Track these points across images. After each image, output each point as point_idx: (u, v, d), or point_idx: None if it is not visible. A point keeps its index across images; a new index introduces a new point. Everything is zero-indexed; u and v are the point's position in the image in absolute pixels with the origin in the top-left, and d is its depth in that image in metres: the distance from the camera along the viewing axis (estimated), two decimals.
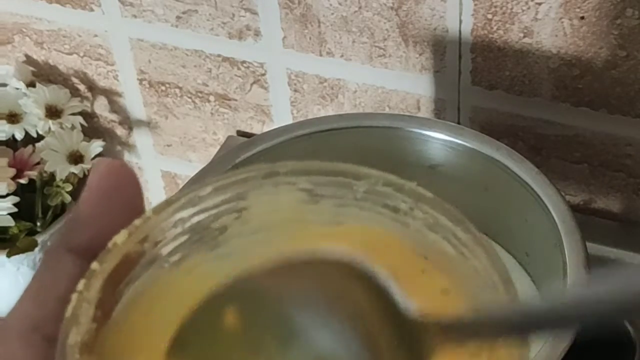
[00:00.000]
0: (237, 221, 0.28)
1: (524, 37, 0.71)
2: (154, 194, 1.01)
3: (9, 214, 0.87)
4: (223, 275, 0.27)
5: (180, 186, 0.65)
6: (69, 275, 0.26)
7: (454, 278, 0.27)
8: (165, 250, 0.27)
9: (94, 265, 0.25)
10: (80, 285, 0.25)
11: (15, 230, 0.89)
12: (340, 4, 0.76)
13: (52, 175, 0.88)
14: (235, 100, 0.88)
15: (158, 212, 0.27)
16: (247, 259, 0.27)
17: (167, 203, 0.27)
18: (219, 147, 0.88)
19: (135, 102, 0.93)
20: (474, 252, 0.26)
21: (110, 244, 0.26)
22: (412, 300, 0.25)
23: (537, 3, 0.69)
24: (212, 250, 0.28)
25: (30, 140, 0.90)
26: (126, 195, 0.27)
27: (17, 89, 0.91)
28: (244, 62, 0.84)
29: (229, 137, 0.89)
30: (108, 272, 0.26)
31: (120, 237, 0.26)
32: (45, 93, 0.89)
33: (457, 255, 0.27)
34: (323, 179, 0.28)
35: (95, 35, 0.90)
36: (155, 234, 0.27)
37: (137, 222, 0.26)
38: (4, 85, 0.93)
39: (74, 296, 0.25)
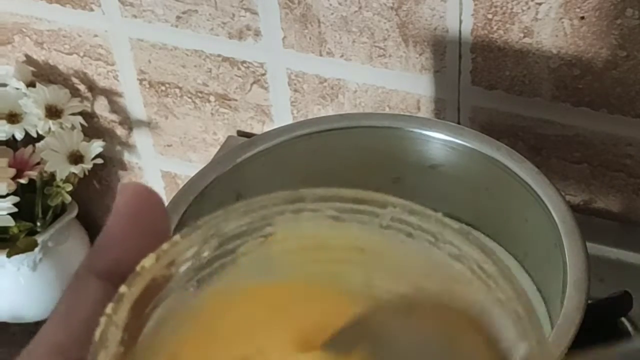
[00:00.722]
0: (263, 246, 0.28)
1: (524, 37, 0.71)
2: None
3: (9, 214, 0.87)
4: (249, 298, 0.28)
5: (180, 186, 0.65)
6: (95, 299, 0.26)
7: (478, 309, 0.27)
8: (191, 274, 0.28)
9: (122, 288, 0.26)
10: (109, 308, 0.25)
11: (15, 230, 0.89)
12: (340, 4, 0.76)
13: (52, 175, 0.88)
14: (235, 100, 0.88)
15: (185, 237, 0.27)
16: (272, 283, 0.28)
17: (193, 228, 0.27)
18: (219, 147, 0.88)
19: (135, 102, 0.93)
20: (498, 283, 0.26)
21: (138, 268, 0.26)
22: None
23: (537, 3, 0.69)
24: (238, 273, 0.28)
25: (30, 140, 0.90)
26: (152, 220, 0.27)
27: (17, 89, 0.91)
28: (244, 62, 0.84)
29: (229, 137, 0.89)
30: (136, 295, 0.26)
31: (148, 261, 0.26)
32: (45, 93, 0.89)
33: (482, 286, 0.27)
34: (347, 206, 0.28)
35: (95, 35, 0.90)
36: (183, 258, 0.27)
37: (165, 246, 0.26)
38: (4, 85, 0.93)
39: (102, 320, 0.25)
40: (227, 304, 0.28)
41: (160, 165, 0.98)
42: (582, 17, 0.69)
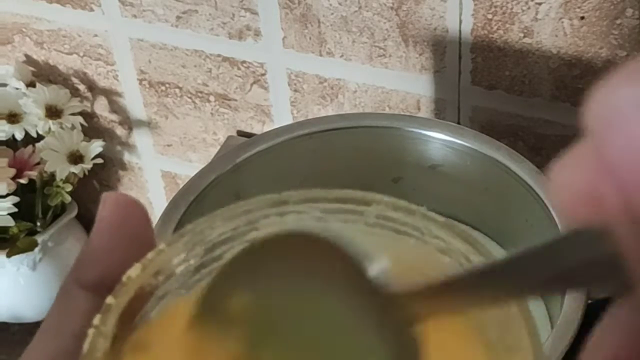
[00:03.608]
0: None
1: (524, 37, 0.71)
2: (154, 194, 1.01)
3: (9, 214, 0.87)
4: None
5: (181, 186, 0.65)
6: (83, 311, 0.26)
7: None
8: (178, 283, 0.28)
9: (109, 299, 0.26)
10: (97, 320, 0.25)
11: (15, 230, 0.89)
12: (340, 4, 0.76)
13: (52, 175, 0.88)
14: (235, 100, 0.88)
15: (170, 245, 0.27)
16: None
17: (179, 236, 0.27)
18: (219, 147, 0.88)
19: (135, 102, 0.93)
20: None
21: (124, 278, 0.26)
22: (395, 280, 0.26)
23: (537, 3, 0.69)
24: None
25: (30, 140, 0.90)
26: (136, 229, 0.27)
27: (17, 89, 0.91)
28: (244, 62, 0.84)
29: (229, 137, 0.89)
30: (123, 306, 0.26)
31: (134, 271, 0.26)
32: (45, 93, 0.89)
33: None
34: (332, 206, 0.28)
35: (95, 35, 0.90)
36: (169, 267, 0.27)
37: (150, 255, 0.27)
38: (4, 85, 0.93)
39: (91, 331, 0.25)
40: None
41: (160, 165, 0.98)
42: (582, 17, 0.69)
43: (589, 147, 0.20)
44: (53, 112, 0.89)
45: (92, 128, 0.95)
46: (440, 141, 0.66)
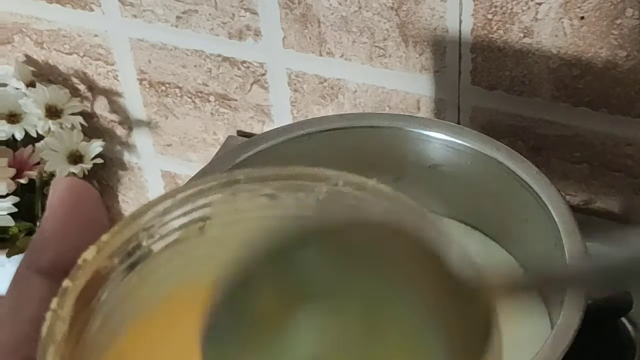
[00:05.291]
0: (201, 231, 0.28)
1: (524, 37, 0.71)
2: (154, 194, 1.01)
3: (9, 214, 0.87)
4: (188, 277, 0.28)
5: (181, 186, 0.65)
6: (39, 296, 0.26)
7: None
8: (133, 265, 0.28)
9: (66, 282, 0.26)
10: (54, 303, 0.25)
11: (15, 230, 0.89)
12: (340, 4, 0.76)
13: (52, 175, 0.88)
14: (235, 100, 0.88)
15: (125, 227, 0.27)
16: (210, 266, 0.28)
17: (133, 218, 0.27)
18: (219, 147, 0.88)
19: (135, 102, 0.93)
20: (434, 239, 0.27)
21: (80, 261, 0.26)
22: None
23: (537, 3, 0.69)
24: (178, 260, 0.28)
25: (30, 140, 0.90)
26: (88, 213, 0.27)
27: (17, 89, 0.91)
28: (244, 62, 0.84)
29: (229, 137, 0.89)
30: (80, 289, 0.26)
31: (89, 254, 0.26)
32: (45, 93, 0.89)
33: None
34: (283, 183, 0.28)
35: (95, 35, 0.90)
36: (123, 248, 0.27)
37: (104, 237, 0.27)
38: (4, 85, 0.93)
39: (48, 315, 0.25)
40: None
41: (160, 165, 0.98)
42: (582, 17, 0.69)
43: None
44: (53, 112, 0.89)
45: (92, 128, 0.95)
46: (440, 141, 0.66)
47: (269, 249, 0.27)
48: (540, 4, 0.69)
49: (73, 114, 0.90)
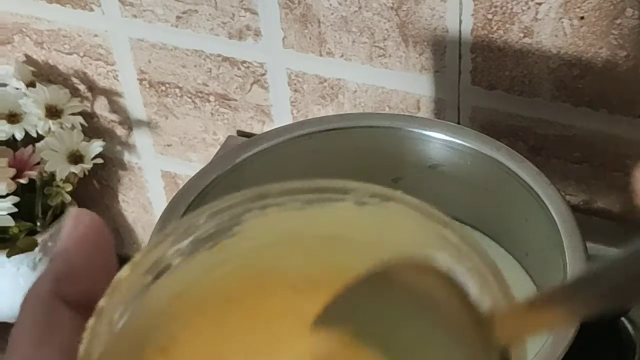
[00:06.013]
0: (233, 240, 0.29)
1: (524, 37, 0.71)
2: (154, 194, 1.01)
3: (9, 214, 0.87)
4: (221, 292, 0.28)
5: (181, 186, 0.65)
6: (68, 327, 0.26)
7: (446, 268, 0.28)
8: (167, 281, 0.28)
9: (102, 302, 0.26)
10: (91, 322, 0.26)
11: (15, 230, 0.89)
12: (340, 4, 0.76)
13: (52, 175, 0.88)
14: (235, 100, 0.88)
15: (156, 245, 0.27)
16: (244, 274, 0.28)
17: (165, 235, 0.28)
18: (219, 147, 0.88)
19: (135, 102, 0.93)
20: (466, 253, 0.27)
21: (115, 280, 0.26)
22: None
23: (537, 3, 0.69)
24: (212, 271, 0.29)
25: (30, 140, 0.90)
26: (107, 251, 0.28)
27: (17, 89, 0.91)
28: (244, 62, 0.84)
29: (229, 137, 0.89)
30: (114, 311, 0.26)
31: (123, 272, 0.27)
32: (45, 93, 0.89)
33: (448, 248, 0.28)
34: (311, 196, 0.28)
35: (95, 35, 0.90)
36: (156, 266, 0.27)
37: (137, 256, 0.27)
38: (4, 85, 0.93)
39: (86, 335, 0.26)
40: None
41: (160, 165, 0.98)
42: (582, 17, 0.69)
43: None
44: (53, 112, 0.89)
45: (92, 128, 0.95)
46: (440, 141, 0.66)
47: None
48: (540, 4, 0.69)
49: (73, 114, 0.90)
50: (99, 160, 0.90)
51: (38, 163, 0.89)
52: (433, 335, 0.27)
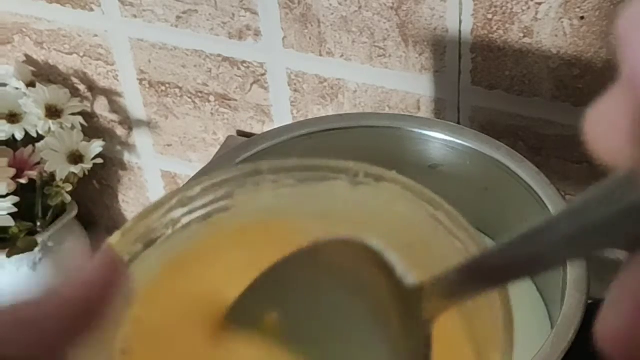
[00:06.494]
0: (225, 215, 0.29)
1: (524, 37, 0.71)
2: (153, 194, 1.01)
3: (9, 214, 0.87)
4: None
5: (180, 186, 0.65)
6: None
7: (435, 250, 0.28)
8: (157, 250, 0.28)
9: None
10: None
11: (15, 230, 0.89)
12: (340, 4, 0.76)
13: (52, 175, 0.88)
14: (235, 100, 0.88)
15: (149, 214, 0.27)
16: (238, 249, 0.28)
17: (157, 205, 0.28)
18: (219, 147, 0.88)
19: (135, 102, 0.93)
20: (456, 234, 0.27)
21: (104, 245, 0.26)
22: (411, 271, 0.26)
23: (537, 3, 0.69)
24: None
25: (30, 140, 0.90)
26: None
27: (17, 89, 0.91)
28: (244, 62, 0.84)
29: (229, 137, 0.89)
30: None
31: (114, 238, 0.26)
32: (45, 93, 0.89)
33: (437, 234, 0.28)
34: (306, 174, 0.28)
35: (95, 35, 0.90)
36: (148, 234, 0.27)
37: (129, 223, 0.27)
38: (4, 85, 0.93)
39: None
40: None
41: (160, 165, 0.98)
42: (582, 17, 0.69)
43: (622, 85, 0.20)
44: (53, 112, 0.89)
45: (92, 128, 0.95)
46: (440, 141, 0.66)
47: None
48: (540, 4, 0.69)
49: (73, 114, 0.90)
50: (99, 160, 0.90)
51: (38, 163, 0.89)
52: (359, 311, 0.27)
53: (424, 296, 0.25)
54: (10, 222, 0.88)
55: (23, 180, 0.88)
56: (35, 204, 0.90)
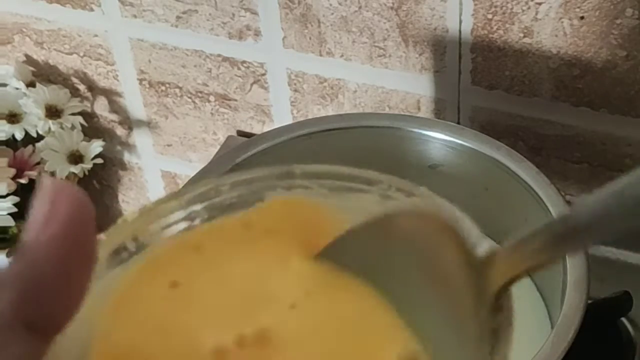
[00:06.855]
0: (252, 214, 0.28)
1: (524, 37, 0.71)
2: (154, 194, 1.01)
3: (9, 214, 0.87)
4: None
5: (180, 186, 0.65)
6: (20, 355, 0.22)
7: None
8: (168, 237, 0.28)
9: (101, 235, 0.25)
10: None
11: (15, 230, 0.89)
12: (340, 4, 0.76)
13: (52, 175, 0.88)
14: (235, 100, 0.88)
15: (172, 199, 0.27)
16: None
17: (182, 192, 0.27)
18: (219, 147, 0.88)
19: (135, 102, 0.93)
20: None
21: (120, 219, 0.26)
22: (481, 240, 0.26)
23: (537, 3, 0.69)
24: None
25: (30, 140, 0.90)
26: (89, 246, 0.23)
27: (17, 89, 0.91)
28: (244, 62, 0.84)
29: (229, 137, 0.89)
30: (114, 247, 0.26)
31: (131, 215, 0.26)
32: (45, 93, 0.89)
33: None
34: (337, 183, 0.28)
35: (95, 35, 0.90)
36: (166, 219, 0.27)
37: (150, 204, 0.27)
38: (4, 85, 0.93)
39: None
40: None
41: (160, 165, 0.98)
42: (582, 17, 0.69)
43: None
44: (53, 112, 0.89)
45: (92, 128, 0.95)
46: (440, 141, 0.66)
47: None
48: (540, 4, 0.69)
49: (73, 114, 0.90)
50: (99, 160, 0.90)
51: (38, 163, 0.89)
52: (428, 279, 0.27)
53: (497, 266, 0.25)
54: (10, 222, 0.88)
55: (23, 180, 0.88)
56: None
